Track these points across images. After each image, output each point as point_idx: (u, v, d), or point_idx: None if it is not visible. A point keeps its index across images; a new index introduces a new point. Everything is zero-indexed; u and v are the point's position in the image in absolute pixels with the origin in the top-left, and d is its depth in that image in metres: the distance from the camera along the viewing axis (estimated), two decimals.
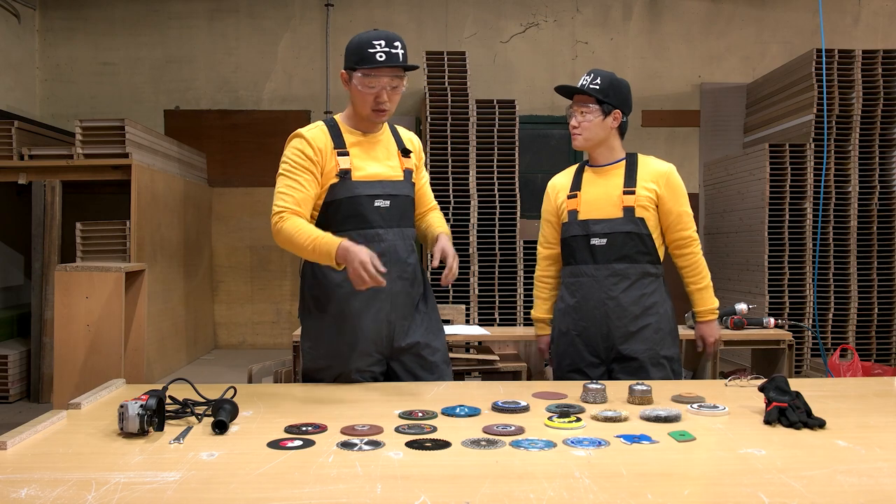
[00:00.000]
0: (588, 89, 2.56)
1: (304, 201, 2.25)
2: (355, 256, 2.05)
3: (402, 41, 2.25)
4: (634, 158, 2.64)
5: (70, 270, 3.23)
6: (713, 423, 1.80)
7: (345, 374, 2.30)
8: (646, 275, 2.57)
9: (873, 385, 2.37)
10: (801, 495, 1.30)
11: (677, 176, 2.62)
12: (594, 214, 2.58)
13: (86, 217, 5.23)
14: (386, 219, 2.30)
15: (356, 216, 2.27)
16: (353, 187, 2.27)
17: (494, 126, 5.99)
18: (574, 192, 2.64)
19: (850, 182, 5.70)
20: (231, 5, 6.97)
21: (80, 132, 5.08)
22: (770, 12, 7.08)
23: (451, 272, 2.24)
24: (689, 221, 2.62)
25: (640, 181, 2.57)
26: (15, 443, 1.58)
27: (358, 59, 2.22)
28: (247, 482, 1.37)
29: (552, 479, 1.38)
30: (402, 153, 2.39)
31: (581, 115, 2.58)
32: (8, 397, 5.15)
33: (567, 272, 2.68)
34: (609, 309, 2.55)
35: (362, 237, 2.23)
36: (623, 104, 2.60)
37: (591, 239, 2.57)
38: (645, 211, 2.55)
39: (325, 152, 2.27)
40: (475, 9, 7.04)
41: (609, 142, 2.62)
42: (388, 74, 2.22)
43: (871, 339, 5.70)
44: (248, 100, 6.96)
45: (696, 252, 2.63)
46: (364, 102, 2.26)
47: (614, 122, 2.59)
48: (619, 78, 2.62)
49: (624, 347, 2.55)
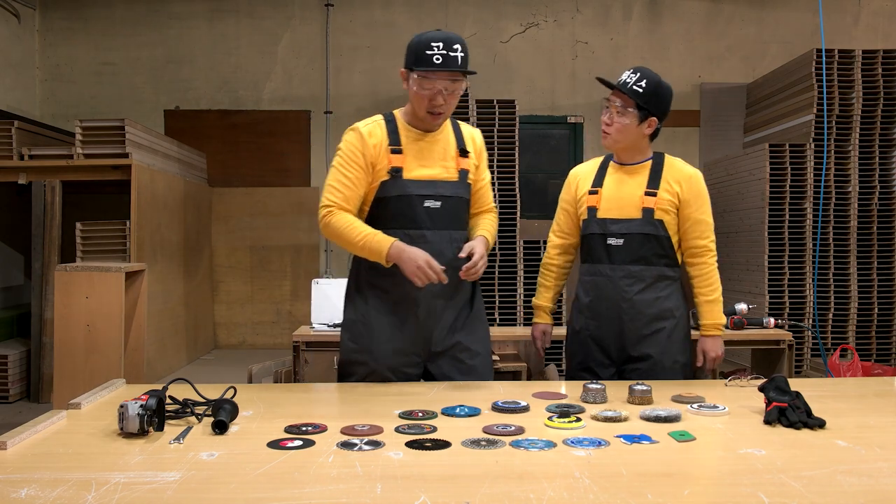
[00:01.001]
0: (630, 90, 2.46)
1: (353, 198, 2.26)
2: (412, 259, 2.13)
3: (462, 43, 2.21)
4: (661, 159, 2.58)
5: (70, 270, 3.23)
6: (713, 423, 1.80)
7: (378, 371, 2.29)
8: (662, 278, 2.53)
9: (873, 385, 2.38)
10: (801, 495, 1.30)
11: (702, 182, 2.56)
12: (613, 213, 2.53)
13: (86, 217, 5.23)
14: (434, 220, 2.28)
15: (404, 215, 2.26)
16: (404, 186, 2.26)
17: (494, 126, 5.98)
18: (595, 189, 2.58)
19: (850, 182, 5.70)
20: (231, 5, 6.97)
21: (80, 132, 5.07)
22: (770, 12, 7.08)
23: (471, 270, 2.22)
24: (706, 230, 2.55)
25: (663, 183, 2.51)
26: (15, 443, 1.58)
27: (415, 60, 2.20)
28: (247, 482, 1.37)
29: (552, 479, 1.38)
30: (461, 153, 2.35)
31: (616, 115, 2.49)
32: (8, 397, 5.14)
33: (584, 270, 2.63)
34: (623, 310, 2.51)
35: (408, 237, 2.23)
36: (662, 112, 2.52)
37: (608, 238, 2.53)
38: (665, 214, 2.50)
39: (380, 148, 2.26)
40: (475, 9, 7.04)
41: (638, 144, 2.55)
42: (445, 78, 2.19)
43: (871, 339, 5.70)
44: (248, 100, 6.96)
45: (709, 263, 2.56)
46: (420, 103, 2.25)
47: (648, 128, 2.52)
48: (666, 84, 2.52)
49: (635, 350, 2.52)
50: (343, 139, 2.31)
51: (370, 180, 2.27)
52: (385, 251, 2.15)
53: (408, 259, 2.13)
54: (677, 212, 2.52)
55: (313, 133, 6.96)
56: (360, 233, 2.19)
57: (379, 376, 2.29)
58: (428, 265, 2.12)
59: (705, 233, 2.54)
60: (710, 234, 2.56)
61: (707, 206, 2.56)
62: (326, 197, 2.27)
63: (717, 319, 2.58)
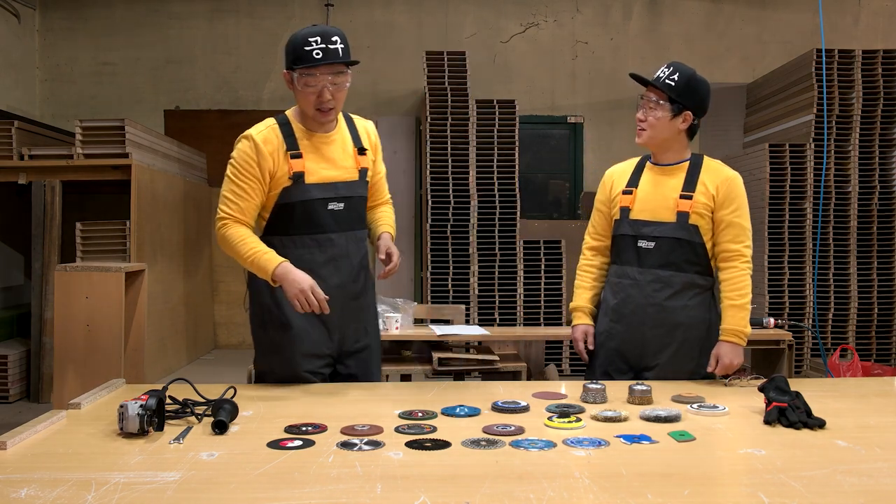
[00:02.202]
0: (662, 84, 2.41)
1: (248, 209, 2.21)
2: (294, 284, 2.09)
3: (341, 35, 2.17)
4: (699, 161, 2.46)
5: (70, 270, 3.23)
6: (713, 423, 1.80)
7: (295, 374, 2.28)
8: (692, 285, 2.41)
9: (873, 385, 2.38)
10: (801, 495, 1.30)
11: (741, 185, 2.45)
12: (646, 215, 2.43)
13: (86, 217, 5.23)
14: (339, 222, 2.26)
15: (308, 221, 2.23)
16: (307, 191, 2.22)
17: (494, 126, 5.98)
18: (630, 189, 2.49)
19: (850, 182, 5.70)
20: (231, 5, 6.97)
21: (80, 132, 5.07)
22: (770, 12, 7.08)
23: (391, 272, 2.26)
24: (741, 234, 2.40)
25: (700, 185, 2.40)
26: (15, 443, 1.58)
27: (294, 59, 2.16)
28: (247, 482, 1.37)
29: (552, 479, 1.38)
30: (359, 151, 2.32)
31: (649, 110, 2.44)
32: (8, 397, 5.14)
33: (613, 271, 2.54)
34: (648, 316, 2.41)
35: (314, 241, 2.23)
36: (697, 106, 2.42)
37: (638, 241, 2.43)
38: (700, 218, 2.39)
39: (277, 156, 2.20)
40: (475, 9, 7.04)
41: (674, 142, 2.45)
42: (328, 72, 2.15)
43: (871, 339, 5.70)
44: (248, 100, 6.96)
45: (741, 268, 2.38)
46: (307, 102, 2.19)
47: (683, 123, 2.42)
48: (700, 77, 2.45)
49: (656, 358, 2.42)
50: (236, 148, 2.22)
51: (267, 189, 2.22)
52: (271, 271, 2.12)
53: (292, 281, 2.10)
54: (712, 215, 2.40)
55: None
56: (251, 249, 2.15)
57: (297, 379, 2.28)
58: (312, 291, 2.09)
59: (739, 237, 2.40)
60: (745, 238, 2.41)
61: (744, 211, 2.42)
62: (221, 209, 2.21)
63: (739, 326, 2.36)
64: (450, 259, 5.92)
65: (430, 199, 5.94)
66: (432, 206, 5.94)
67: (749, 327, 2.39)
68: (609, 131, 6.95)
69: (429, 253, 5.92)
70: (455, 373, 3.73)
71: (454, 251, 5.92)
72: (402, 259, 2.41)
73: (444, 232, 5.93)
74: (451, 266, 5.91)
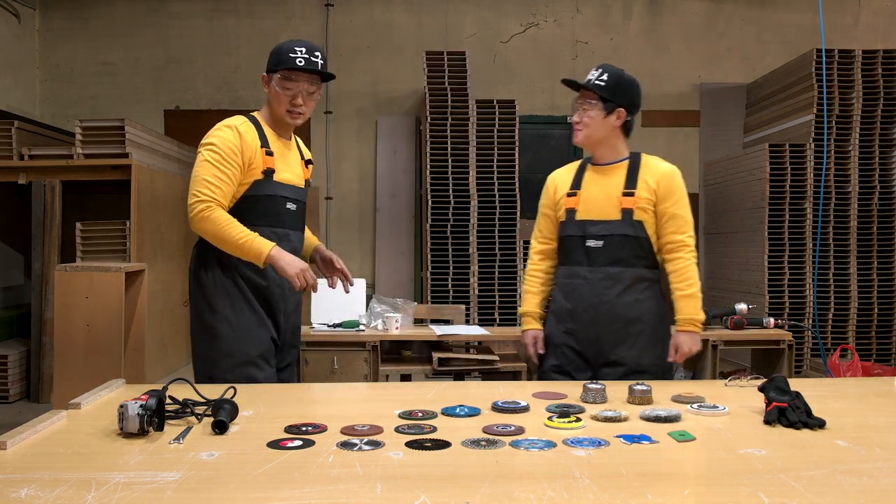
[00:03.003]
0: (592, 85, 2.52)
1: (228, 194, 2.32)
2: (295, 263, 2.28)
3: (322, 53, 2.39)
4: (637, 158, 2.58)
5: (70, 270, 3.23)
6: (713, 423, 1.80)
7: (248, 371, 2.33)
8: (641, 280, 2.52)
9: (873, 385, 2.38)
10: (801, 495, 1.30)
11: (679, 178, 2.55)
12: (592, 215, 2.53)
13: (86, 217, 5.23)
14: (293, 221, 2.44)
15: (272, 214, 2.38)
16: (274, 187, 2.38)
17: (494, 126, 5.99)
18: (574, 191, 2.59)
19: (850, 182, 5.70)
20: (231, 5, 6.97)
21: (80, 132, 5.07)
22: (770, 12, 7.08)
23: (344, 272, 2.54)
24: (683, 225, 2.51)
25: (640, 182, 2.51)
26: (15, 443, 1.58)
27: (278, 62, 2.36)
28: (247, 482, 1.37)
29: (552, 479, 1.38)
30: (306, 163, 2.54)
31: (583, 111, 2.53)
32: (8, 397, 5.14)
33: (561, 273, 2.63)
34: (601, 313, 2.51)
35: (275, 235, 2.36)
36: (629, 103, 2.54)
37: (587, 240, 2.53)
38: (644, 213, 2.49)
39: (254, 148, 2.35)
40: (475, 9, 7.04)
41: (611, 140, 2.56)
42: (306, 79, 2.35)
43: (871, 339, 5.70)
44: (248, 100, 6.96)
45: (686, 258, 2.51)
46: (280, 103, 2.37)
47: (617, 120, 2.53)
48: (629, 76, 2.57)
49: (613, 353, 2.51)
50: (216, 136, 2.33)
51: (242, 178, 2.34)
52: (265, 252, 2.26)
53: (291, 261, 2.27)
54: (655, 209, 2.51)
55: (313, 133, 6.96)
56: (242, 232, 2.27)
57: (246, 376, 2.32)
58: (308, 272, 2.29)
59: (682, 228, 2.51)
60: (687, 229, 2.52)
61: (684, 202, 2.53)
62: (202, 192, 2.28)
63: (694, 315, 2.51)
64: (450, 259, 5.92)
65: (430, 199, 5.94)
66: (432, 206, 5.94)
67: (702, 314, 2.51)
68: None
69: (429, 253, 5.92)
70: (455, 373, 3.73)
71: (454, 251, 5.92)
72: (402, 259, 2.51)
73: (444, 232, 5.94)
74: (451, 266, 5.91)
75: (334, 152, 6.98)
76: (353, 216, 7.00)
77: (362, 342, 3.62)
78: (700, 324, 2.51)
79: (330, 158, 7.00)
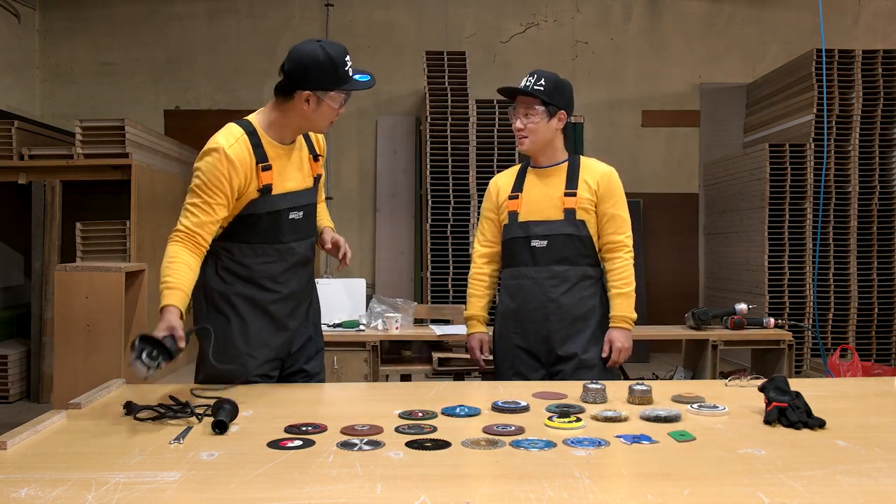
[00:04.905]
0: (533, 91, 2.54)
1: (208, 223, 2.14)
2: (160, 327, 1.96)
3: None
4: (577, 160, 2.63)
5: (70, 270, 3.23)
6: (713, 423, 1.80)
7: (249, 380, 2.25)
8: (585, 277, 2.57)
9: (873, 385, 2.37)
10: (801, 495, 1.30)
11: (617, 179, 2.61)
12: (535, 216, 2.57)
13: (86, 217, 5.23)
14: (299, 231, 2.29)
15: (272, 231, 2.23)
16: (273, 202, 2.21)
17: (494, 126, 5.98)
18: (515, 194, 2.62)
19: (850, 182, 5.70)
20: (231, 5, 6.97)
21: (80, 132, 5.07)
22: (770, 12, 7.08)
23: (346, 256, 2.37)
24: (622, 226, 2.57)
25: (581, 183, 2.56)
26: (15, 443, 1.58)
27: (336, 80, 2.18)
28: (247, 482, 1.37)
29: (552, 479, 1.38)
30: (314, 158, 2.37)
31: (525, 118, 2.55)
32: (8, 397, 5.14)
33: (507, 274, 2.67)
34: (549, 311, 2.55)
35: (276, 252, 2.23)
36: (567, 105, 2.60)
37: (531, 241, 2.56)
38: (586, 213, 2.54)
39: (248, 170, 2.17)
40: (475, 9, 7.04)
41: (554, 143, 2.61)
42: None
43: (871, 339, 5.70)
44: (248, 100, 6.95)
45: (625, 258, 2.57)
46: (326, 121, 2.23)
47: (559, 123, 2.58)
48: (563, 79, 2.62)
49: (562, 350, 2.55)
50: (205, 161, 2.14)
51: (233, 203, 2.18)
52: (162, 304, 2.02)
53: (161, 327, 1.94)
54: (596, 209, 2.56)
55: None
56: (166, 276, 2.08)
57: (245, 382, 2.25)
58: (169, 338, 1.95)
59: (621, 228, 2.57)
60: (625, 229, 2.58)
61: (622, 203, 2.59)
62: (180, 220, 2.16)
63: (626, 312, 2.57)
64: (450, 259, 5.91)
65: (430, 199, 5.94)
66: (432, 206, 5.94)
67: (635, 313, 2.59)
68: (609, 131, 6.95)
69: (429, 253, 5.92)
70: (455, 373, 3.72)
71: (454, 251, 5.92)
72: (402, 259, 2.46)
73: (444, 232, 5.93)
74: (451, 266, 5.91)
75: (334, 152, 6.97)
76: (353, 216, 7.01)
77: (362, 342, 3.62)
78: (632, 322, 2.58)
79: (330, 158, 6.99)
